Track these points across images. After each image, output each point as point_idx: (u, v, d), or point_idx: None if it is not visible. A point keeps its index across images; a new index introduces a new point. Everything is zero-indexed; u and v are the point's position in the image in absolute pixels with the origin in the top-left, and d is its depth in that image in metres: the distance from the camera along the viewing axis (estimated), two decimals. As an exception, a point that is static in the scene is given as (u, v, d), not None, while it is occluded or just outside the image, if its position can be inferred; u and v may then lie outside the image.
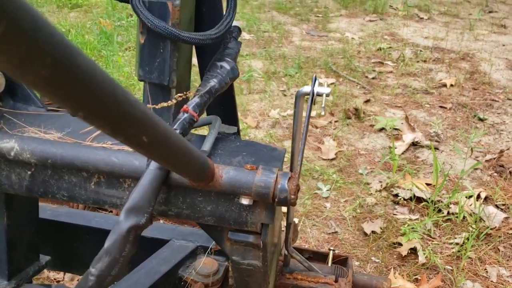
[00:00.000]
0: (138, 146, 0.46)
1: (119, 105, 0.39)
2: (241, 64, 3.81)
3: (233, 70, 0.79)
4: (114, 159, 0.75)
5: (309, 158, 2.53)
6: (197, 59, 0.89)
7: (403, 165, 2.50)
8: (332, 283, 1.14)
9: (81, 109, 0.36)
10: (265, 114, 3.01)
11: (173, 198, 0.79)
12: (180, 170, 0.61)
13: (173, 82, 0.75)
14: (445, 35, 4.88)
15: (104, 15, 4.67)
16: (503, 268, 1.83)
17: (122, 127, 0.41)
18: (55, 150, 0.77)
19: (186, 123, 0.72)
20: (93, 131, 0.85)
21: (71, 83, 0.33)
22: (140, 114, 0.42)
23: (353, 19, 5.43)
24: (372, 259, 1.85)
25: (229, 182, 0.73)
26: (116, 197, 0.80)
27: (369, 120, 3.00)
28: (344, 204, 2.17)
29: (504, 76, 3.85)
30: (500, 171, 2.46)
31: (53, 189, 0.82)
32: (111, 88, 0.37)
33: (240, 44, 0.83)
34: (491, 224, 2.04)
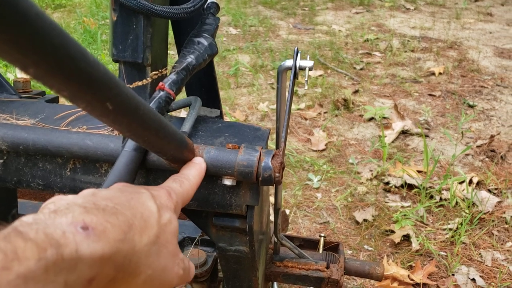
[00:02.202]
0: (102, 114, 0.43)
1: (74, 61, 0.35)
2: (228, 58, 3.78)
3: (211, 46, 0.76)
4: (89, 142, 0.71)
5: (299, 150, 2.50)
6: (174, 37, 0.86)
7: (393, 153, 2.48)
8: (323, 269, 1.11)
9: (30, 64, 0.33)
10: (253, 108, 2.98)
11: (152, 182, 0.75)
12: (155, 148, 0.58)
13: (147, 60, 0.72)
14: (432, 25, 4.87)
15: (88, 15, 4.61)
16: (498, 252, 1.81)
17: (80, 89, 0.37)
18: (27, 135, 0.73)
19: (162, 101, 0.68)
20: (68, 116, 0.82)
21: (12, 30, 0.29)
22: (101, 75, 0.39)
23: (339, 12, 5.41)
24: (365, 247, 1.82)
25: (210, 163, 0.69)
26: (93, 184, 0.77)
27: (358, 110, 2.98)
28: (335, 194, 2.14)
29: (492, 63, 3.85)
30: (491, 156, 2.45)
31: (27, 177, 0.78)
32: (62, 41, 0.33)
33: (219, 20, 0.80)
34: (484, 208, 2.02)
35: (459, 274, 1.70)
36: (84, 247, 0.40)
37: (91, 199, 0.48)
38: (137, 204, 0.50)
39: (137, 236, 0.47)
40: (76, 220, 0.42)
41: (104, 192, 0.51)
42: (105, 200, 0.48)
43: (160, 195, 0.56)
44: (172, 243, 0.54)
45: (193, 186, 0.64)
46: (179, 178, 0.63)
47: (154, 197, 0.54)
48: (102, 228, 0.43)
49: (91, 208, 0.45)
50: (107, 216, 0.45)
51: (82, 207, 0.45)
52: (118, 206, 0.48)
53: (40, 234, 0.37)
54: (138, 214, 0.49)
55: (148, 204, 0.52)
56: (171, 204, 0.56)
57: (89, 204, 0.46)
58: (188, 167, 0.66)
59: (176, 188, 0.60)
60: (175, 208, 0.57)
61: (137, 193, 0.53)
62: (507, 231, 1.93)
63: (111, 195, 0.50)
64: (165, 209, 0.54)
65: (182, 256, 0.58)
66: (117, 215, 0.46)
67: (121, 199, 0.50)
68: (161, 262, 0.51)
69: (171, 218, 0.54)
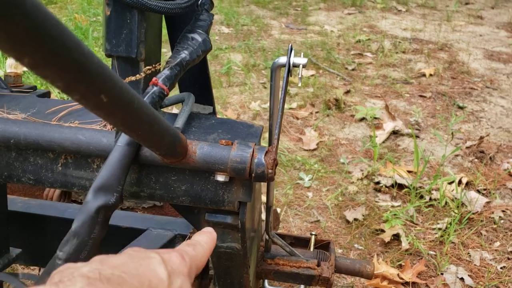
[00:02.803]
0: (96, 107, 0.43)
1: (69, 52, 0.35)
2: (220, 57, 3.77)
3: (205, 42, 0.76)
4: (81, 137, 0.71)
5: (290, 149, 2.51)
6: (167, 33, 0.85)
7: (384, 153, 2.49)
8: (314, 267, 1.11)
9: (25, 53, 0.32)
10: (245, 107, 2.98)
11: (145, 178, 0.75)
12: (148, 142, 0.58)
13: (141, 55, 0.71)
14: (423, 27, 4.90)
15: (79, 11, 4.58)
16: (486, 252, 1.83)
17: (74, 80, 0.37)
18: (18, 129, 0.72)
19: (155, 96, 0.68)
20: (59, 111, 0.81)
21: (8, 19, 0.29)
22: (95, 67, 0.39)
23: (331, 12, 5.43)
24: (355, 246, 1.83)
25: (204, 158, 0.69)
26: (85, 179, 0.76)
27: (349, 110, 2.99)
28: (326, 193, 2.15)
29: (482, 65, 3.88)
30: (480, 157, 2.47)
31: (18, 172, 0.78)
32: (58, 31, 0.33)
33: (213, 16, 0.80)
34: (473, 208, 2.04)
35: (448, 273, 1.71)
36: None
37: (96, 267, 0.46)
38: (146, 271, 0.48)
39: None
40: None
41: (112, 259, 0.49)
42: (112, 268, 0.46)
43: (172, 259, 0.53)
44: None
45: (207, 252, 0.61)
46: (192, 243, 0.60)
47: (165, 262, 0.51)
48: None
49: (95, 278, 0.43)
50: (111, 287, 0.43)
51: (86, 277, 0.43)
52: (125, 274, 0.46)
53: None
54: (146, 283, 0.46)
55: (158, 270, 0.49)
56: (184, 268, 0.53)
57: (94, 274, 0.44)
58: (200, 234, 0.64)
59: (189, 251, 0.57)
60: (189, 272, 0.54)
61: (147, 259, 0.50)
62: (495, 231, 1.94)
63: (119, 262, 0.48)
64: (176, 274, 0.51)
65: None
66: (122, 285, 0.44)
67: (130, 266, 0.48)
68: None
69: (182, 285, 0.51)
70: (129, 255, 0.51)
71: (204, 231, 0.65)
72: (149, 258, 0.50)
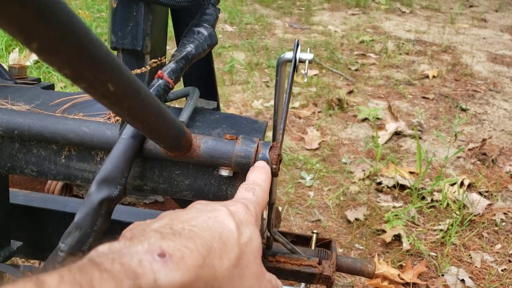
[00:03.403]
0: (103, 96, 0.42)
1: (78, 39, 0.35)
2: (223, 55, 3.77)
3: (211, 36, 0.75)
4: (85, 129, 0.71)
5: (292, 148, 2.50)
6: (173, 26, 0.85)
7: (386, 153, 2.49)
8: (315, 265, 1.11)
9: (33, 38, 0.32)
10: (248, 105, 2.98)
11: (149, 171, 0.75)
12: (153, 134, 0.57)
13: (146, 48, 0.71)
14: (427, 29, 4.90)
15: (83, 7, 4.58)
16: (487, 254, 1.83)
17: (82, 67, 0.37)
18: (22, 121, 0.72)
19: (160, 89, 0.68)
20: (64, 103, 0.81)
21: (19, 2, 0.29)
22: (103, 55, 0.38)
23: (335, 13, 5.43)
24: (356, 246, 1.83)
25: (208, 152, 0.69)
26: (88, 171, 0.76)
27: (352, 110, 2.99)
28: (327, 193, 2.15)
29: (485, 68, 3.87)
30: (483, 159, 2.47)
31: (21, 163, 0.77)
32: (67, 17, 0.33)
33: (219, 10, 0.80)
34: (475, 210, 2.03)
35: (448, 275, 1.71)
36: (162, 276, 0.38)
37: (167, 222, 0.46)
38: (215, 224, 0.47)
39: (217, 259, 0.44)
40: (152, 248, 0.40)
41: (181, 214, 0.49)
42: (182, 222, 0.46)
43: (238, 210, 0.52)
44: (256, 263, 0.50)
45: (266, 191, 0.60)
46: (250, 185, 0.59)
47: (232, 214, 0.50)
48: (180, 254, 0.40)
49: (167, 233, 0.43)
50: (184, 241, 0.42)
51: (159, 232, 0.43)
52: (195, 228, 0.45)
53: (116, 264, 0.36)
54: (217, 235, 0.46)
55: (227, 222, 0.49)
56: (251, 218, 0.53)
57: (165, 229, 0.44)
58: (254, 172, 0.63)
59: (251, 198, 0.57)
60: (256, 220, 0.54)
61: (215, 211, 0.50)
62: (497, 233, 1.94)
63: (188, 216, 0.48)
64: (245, 225, 0.51)
65: (269, 276, 0.55)
66: (194, 239, 0.43)
67: (199, 220, 0.47)
68: (245, 285, 0.48)
69: (252, 235, 0.50)
70: (197, 209, 0.51)
71: (257, 167, 0.64)
72: (216, 211, 0.50)
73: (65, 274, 0.33)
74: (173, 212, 0.50)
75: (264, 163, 0.66)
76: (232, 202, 0.55)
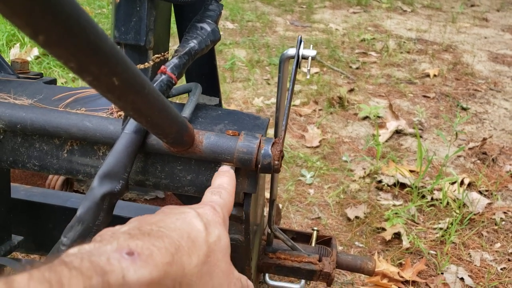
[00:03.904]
0: (108, 90, 0.42)
1: (84, 32, 0.35)
2: (224, 53, 3.77)
3: (214, 32, 0.75)
4: (88, 124, 0.71)
5: (293, 146, 2.51)
6: (176, 22, 0.85)
7: (386, 152, 2.49)
8: (315, 262, 1.11)
9: (40, 30, 0.32)
10: (248, 102, 2.98)
11: (151, 166, 0.75)
12: (156, 129, 0.57)
13: (150, 43, 0.71)
14: (428, 28, 4.89)
15: (84, 3, 4.58)
16: (486, 253, 1.83)
17: (88, 61, 0.37)
18: (25, 115, 0.72)
19: (163, 84, 0.68)
20: (66, 98, 0.81)
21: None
22: (108, 49, 0.38)
23: (337, 11, 5.42)
24: (356, 244, 1.83)
25: (210, 148, 0.69)
26: (90, 166, 0.76)
27: (353, 108, 2.99)
28: (327, 191, 2.15)
29: (486, 67, 3.87)
30: (483, 159, 2.47)
31: (23, 158, 0.77)
32: (73, 9, 0.33)
33: (222, 6, 0.80)
34: (475, 209, 2.04)
35: (448, 273, 1.71)
36: (131, 272, 0.39)
37: (135, 225, 0.47)
38: (183, 225, 0.49)
39: (186, 257, 0.45)
40: (121, 247, 0.41)
41: (149, 217, 0.50)
42: (150, 224, 0.47)
43: (206, 212, 0.54)
44: (225, 262, 0.52)
45: (231, 194, 0.62)
46: (216, 189, 0.61)
47: (200, 215, 0.52)
48: (148, 252, 0.41)
49: (136, 233, 0.44)
50: (153, 240, 0.43)
51: (127, 233, 0.44)
52: (163, 229, 0.46)
53: (85, 262, 0.36)
54: (185, 235, 0.47)
55: (195, 223, 0.50)
56: (218, 218, 0.54)
57: (134, 230, 0.45)
58: (219, 176, 0.65)
59: (217, 201, 0.58)
60: (223, 221, 0.55)
61: (182, 214, 0.51)
62: (496, 232, 1.94)
63: (156, 219, 0.49)
64: (213, 225, 0.52)
65: (238, 275, 0.56)
66: (162, 238, 0.44)
67: (166, 222, 0.48)
68: (214, 283, 0.49)
69: (220, 234, 0.52)
70: (164, 212, 0.52)
71: (221, 172, 0.66)
72: (184, 213, 0.52)
73: (34, 273, 0.33)
74: (141, 217, 0.51)
75: (228, 168, 0.67)
76: (199, 205, 0.56)
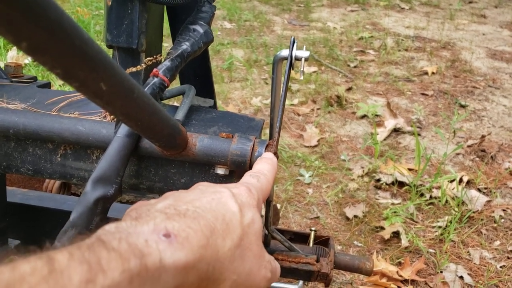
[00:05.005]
0: (96, 95, 0.42)
1: (68, 37, 0.34)
2: (222, 52, 3.76)
3: (207, 34, 0.75)
4: (81, 128, 0.71)
5: (291, 145, 2.50)
6: (169, 24, 0.85)
7: (385, 150, 2.48)
8: (313, 263, 1.11)
9: (23, 37, 0.32)
10: (246, 102, 2.97)
11: (144, 170, 0.75)
12: (148, 133, 0.57)
13: (142, 46, 0.71)
14: (426, 25, 4.89)
15: (81, 5, 4.57)
16: (486, 251, 1.83)
17: (74, 66, 0.37)
18: (17, 119, 0.72)
19: (156, 87, 0.67)
20: (59, 101, 0.80)
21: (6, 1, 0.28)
22: (95, 54, 0.38)
23: (334, 9, 5.42)
24: (355, 243, 1.83)
25: (203, 151, 0.69)
26: (84, 170, 0.76)
27: (351, 107, 2.99)
28: (326, 190, 2.14)
29: (485, 64, 3.87)
30: (482, 156, 2.47)
31: (16, 162, 0.77)
32: (57, 15, 0.32)
33: (215, 8, 0.79)
34: (474, 207, 2.03)
35: (447, 272, 1.71)
36: (168, 255, 0.39)
37: (171, 203, 0.46)
38: (218, 206, 0.48)
39: (220, 240, 0.45)
40: (158, 228, 0.41)
41: (184, 195, 0.50)
42: (186, 203, 0.47)
43: (241, 192, 0.53)
44: (257, 245, 0.51)
45: (270, 180, 0.61)
46: (255, 173, 0.60)
47: (235, 196, 0.51)
48: (184, 235, 0.41)
49: (172, 214, 0.44)
50: (189, 222, 0.43)
51: (163, 213, 0.43)
52: (199, 209, 0.46)
53: (123, 243, 0.36)
54: (220, 216, 0.47)
55: (230, 204, 0.50)
56: (253, 201, 0.54)
57: (170, 209, 0.44)
58: (261, 162, 0.64)
59: (255, 184, 0.57)
60: (258, 204, 0.55)
61: (218, 193, 0.51)
62: (496, 230, 1.94)
63: (192, 197, 0.49)
64: (247, 207, 0.51)
65: (268, 257, 0.55)
66: (198, 220, 0.44)
67: (202, 201, 0.48)
68: (246, 266, 0.49)
69: (253, 217, 0.51)
70: (200, 190, 0.52)
71: (264, 158, 0.65)
72: (219, 192, 0.51)
73: (75, 252, 0.33)
74: (177, 193, 0.51)
75: (271, 155, 0.66)
76: (235, 184, 0.55)
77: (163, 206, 0.45)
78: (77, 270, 0.32)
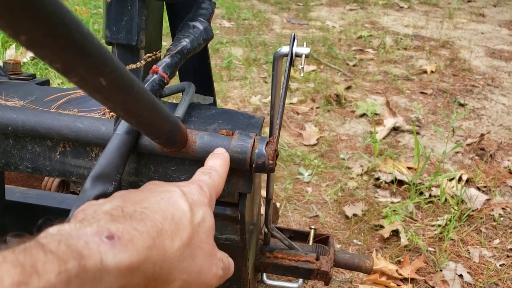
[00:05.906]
0: (95, 90, 0.42)
1: (68, 31, 0.34)
2: (221, 51, 3.76)
3: (207, 30, 0.75)
4: (80, 125, 0.70)
5: (290, 144, 2.50)
6: (168, 21, 0.84)
7: (384, 149, 2.48)
8: (313, 261, 1.11)
9: (21, 30, 0.31)
10: (245, 101, 2.97)
11: (144, 167, 0.74)
12: (147, 130, 0.57)
13: (141, 42, 0.70)
14: (425, 24, 4.89)
15: (80, 3, 4.56)
16: (485, 249, 1.82)
17: (73, 61, 0.36)
18: (16, 116, 0.71)
19: (155, 84, 0.67)
20: (58, 99, 0.80)
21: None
22: (95, 48, 0.38)
23: (333, 8, 5.41)
24: (354, 242, 1.83)
25: (204, 148, 0.68)
26: (83, 167, 0.75)
27: (350, 106, 2.98)
28: (325, 188, 2.14)
29: (484, 62, 3.87)
30: (481, 154, 2.46)
31: (15, 160, 0.77)
32: (56, 8, 0.32)
33: (215, 4, 0.79)
34: (473, 206, 2.03)
35: (446, 270, 1.71)
36: (110, 257, 0.38)
37: (119, 204, 0.46)
38: (168, 205, 0.48)
39: (168, 240, 0.45)
40: (101, 230, 0.40)
41: (133, 195, 0.49)
42: (134, 204, 0.46)
43: (192, 191, 0.53)
44: (207, 243, 0.51)
45: (222, 176, 0.61)
46: (207, 170, 0.60)
47: (185, 195, 0.51)
48: (129, 237, 0.41)
49: (118, 215, 0.43)
50: (135, 223, 0.43)
51: (109, 214, 0.43)
52: (147, 210, 0.46)
53: (62, 245, 0.36)
54: (169, 216, 0.47)
55: (180, 203, 0.49)
56: (205, 199, 0.54)
57: (117, 211, 0.44)
58: (212, 158, 0.64)
59: (206, 180, 0.57)
60: (209, 201, 0.55)
61: (167, 192, 0.50)
62: (495, 228, 1.94)
63: (141, 197, 0.49)
64: (198, 206, 0.51)
65: (220, 255, 0.55)
66: (145, 221, 0.44)
67: (151, 201, 0.48)
68: (196, 264, 0.49)
69: (204, 215, 0.51)
70: (149, 189, 0.52)
71: (216, 154, 0.65)
72: (169, 191, 0.51)
73: (8, 255, 0.33)
74: (126, 193, 0.50)
75: (223, 150, 0.66)
76: (186, 183, 0.55)
77: (110, 208, 0.45)
78: (9, 272, 0.31)
